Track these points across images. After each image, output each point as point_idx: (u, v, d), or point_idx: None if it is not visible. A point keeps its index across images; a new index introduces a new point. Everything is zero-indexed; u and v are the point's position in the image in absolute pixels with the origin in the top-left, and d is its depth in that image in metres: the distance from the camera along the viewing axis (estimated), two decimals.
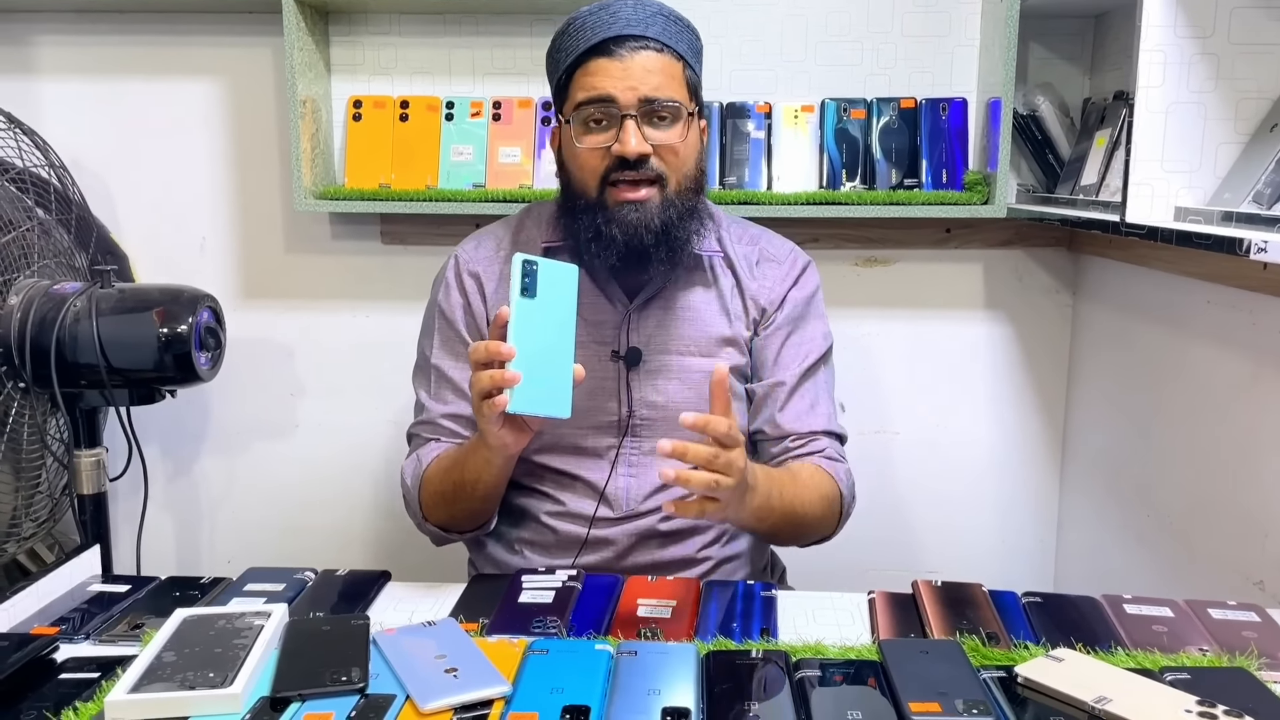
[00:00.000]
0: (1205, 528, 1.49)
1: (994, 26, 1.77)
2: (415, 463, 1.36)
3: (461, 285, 1.39)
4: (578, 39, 1.26)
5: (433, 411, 1.38)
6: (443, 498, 1.31)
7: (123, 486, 1.92)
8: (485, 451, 1.21)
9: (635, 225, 1.25)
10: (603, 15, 1.26)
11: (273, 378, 2.06)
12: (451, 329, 1.39)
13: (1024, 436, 2.01)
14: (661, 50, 1.26)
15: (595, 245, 1.27)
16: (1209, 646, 0.99)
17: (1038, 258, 1.96)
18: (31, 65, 1.97)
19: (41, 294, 1.62)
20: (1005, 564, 2.03)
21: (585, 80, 1.25)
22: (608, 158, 1.25)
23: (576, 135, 1.26)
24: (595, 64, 1.24)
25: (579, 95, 1.25)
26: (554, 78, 1.32)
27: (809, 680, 0.90)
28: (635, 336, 1.34)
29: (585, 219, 1.28)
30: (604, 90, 1.23)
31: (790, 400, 1.37)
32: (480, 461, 1.24)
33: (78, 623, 1.05)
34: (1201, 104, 1.32)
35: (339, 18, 1.92)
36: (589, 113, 1.25)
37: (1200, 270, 1.45)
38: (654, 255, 1.27)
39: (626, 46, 1.24)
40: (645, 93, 1.23)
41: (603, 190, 1.26)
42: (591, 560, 1.34)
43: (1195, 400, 1.51)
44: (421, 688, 0.87)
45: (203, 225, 2.02)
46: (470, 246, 1.42)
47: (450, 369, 1.38)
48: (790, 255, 1.44)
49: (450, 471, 1.29)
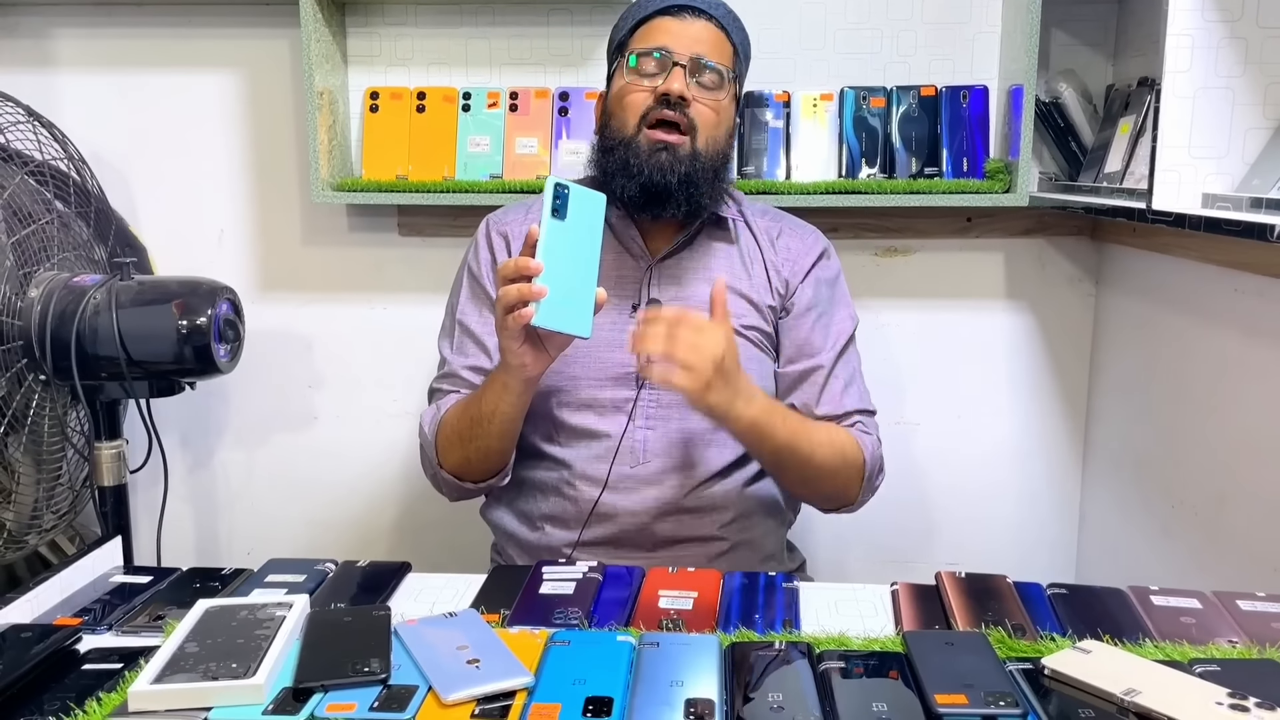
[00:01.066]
0: (1231, 519, 1.47)
1: (1015, 13, 1.75)
2: (434, 411, 1.40)
3: (490, 243, 1.45)
4: (646, 6, 1.38)
5: (454, 364, 1.42)
6: (459, 436, 1.34)
7: (143, 478, 1.93)
8: (504, 376, 1.25)
9: (662, 165, 1.33)
10: None
11: (291, 369, 2.06)
12: (477, 284, 1.44)
13: (1046, 427, 1.99)
14: (719, 28, 1.38)
15: (621, 177, 1.35)
16: (1238, 638, 0.97)
17: (1060, 247, 1.94)
18: (50, 59, 1.97)
19: (61, 287, 1.62)
20: (1027, 556, 2.02)
21: (646, 33, 1.37)
22: (650, 95, 1.33)
23: (626, 74, 1.36)
24: (658, 22, 1.37)
25: (636, 46, 1.37)
26: (614, 40, 1.43)
27: (833, 672, 0.89)
28: (655, 291, 1.39)
29: (617, 153, 1.35)
30: (661, 42, 1.34)
31: (827, 384, 1.40)
32: (498, 388, 1.26)
33: (100, 614, 1.05)
34: (1230, 89, 1.30)
35: (355, 9, 1.92)
36: (643, 58, 1.34)
37: (1227, 258, 1.44)
38: (674, 199, 1.34)
39: (689, 14, 1.36)
40: (698, 51, 1.34)
41: (638, 130, 1.34)
42: (610, 531, 1.34)
43: (1221, 390, 1.49)
44: (444, 678, 0.86)
45: (221, 217, 2.02)
46: (500, 212, 1.50)
47: (474, 323, 1.42)
48: (812, 233, 1.50)
49: (469, 407, 1.33)
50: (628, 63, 1.36)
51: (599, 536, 1.35)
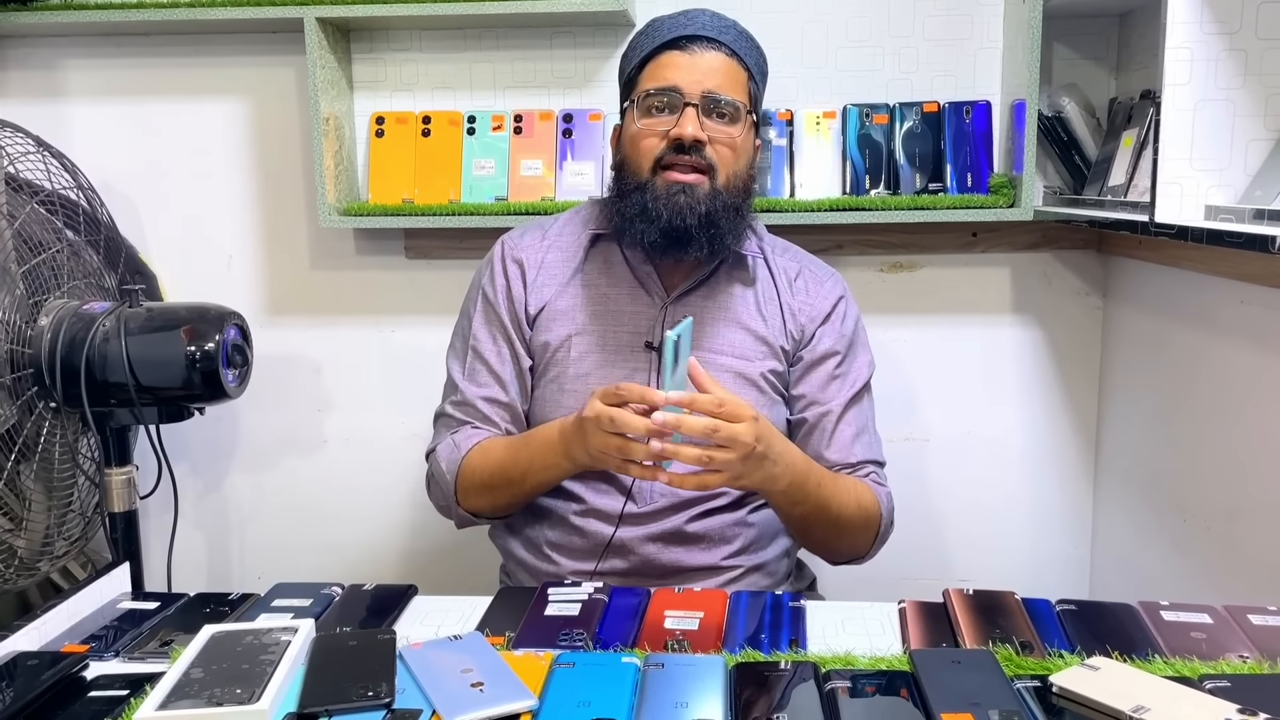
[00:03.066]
0: (1243, 533, 1.46)
1: (1017, 28, 1.75)
2: (451, 448, 1.37)
3: (505, 269, 1.43)
4: (654, 37, 1.35)
5: (467, 393, 1.41)
6: (489, 489, 1.34)
7: (153, 504, 1.94)
8: (564, 462, 1.26)
9: (680, 207, 1.30)
10: (680, 19, 1.35)
11: (299, 394, 2.07)
12: (492, 310, 1.42)
13: (1056, 442, 1.98)
14: (730, 56, 1.33)
15: (640, 222, 1.32)
16: (1249, 654, 0.96)
17: (1066, 260, 1.93)
18: (60, 89, 2.00)
19: (71, 314, 1.64)
20: (1038, 572, 2.00)
21: (655, 71, 1.33)
22: (664, 140, 1.31)
23: (638, 118, 1.33)
24: (666, 57, 1.33)
25: (647, 84, 1.33)
26: (624, 72, 1.40)
27: (839, 691, 0.89)
28: (670, 328, 1.36)
29: (634, 198, 1.33)
30: (671, 81, 1.31)
31: (837, 429, 1.39)
32: (551, 467, 1.29)
33: (108, 640, 1.05)
34: (1230, 101, 1.30)
35: (360, 35, 1.93)
36: (653, 100, 1.31)
37: (1233, 270, 1.43)
38: (695, 240, 1.31)
39: (698, 44, 1.32)
40: (709, 87, 1.30)
41: (654, 173, 1.32)
42: (619, 565, 1.34)
43: (1231, 402, 1.49)
44: (448, 702, 0.86)
45: (229, 244, 2.04)
46: (516, 234, 1.47)
47: (488, 351, 1.41)
48: (830, 276, 1.48)
49: (506, 469, 1.32)
50: (638, 104, 1.33)
51: (610, 569, 1.35)
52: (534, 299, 1.40)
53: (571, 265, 1.41)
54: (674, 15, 1.36)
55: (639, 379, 1.35)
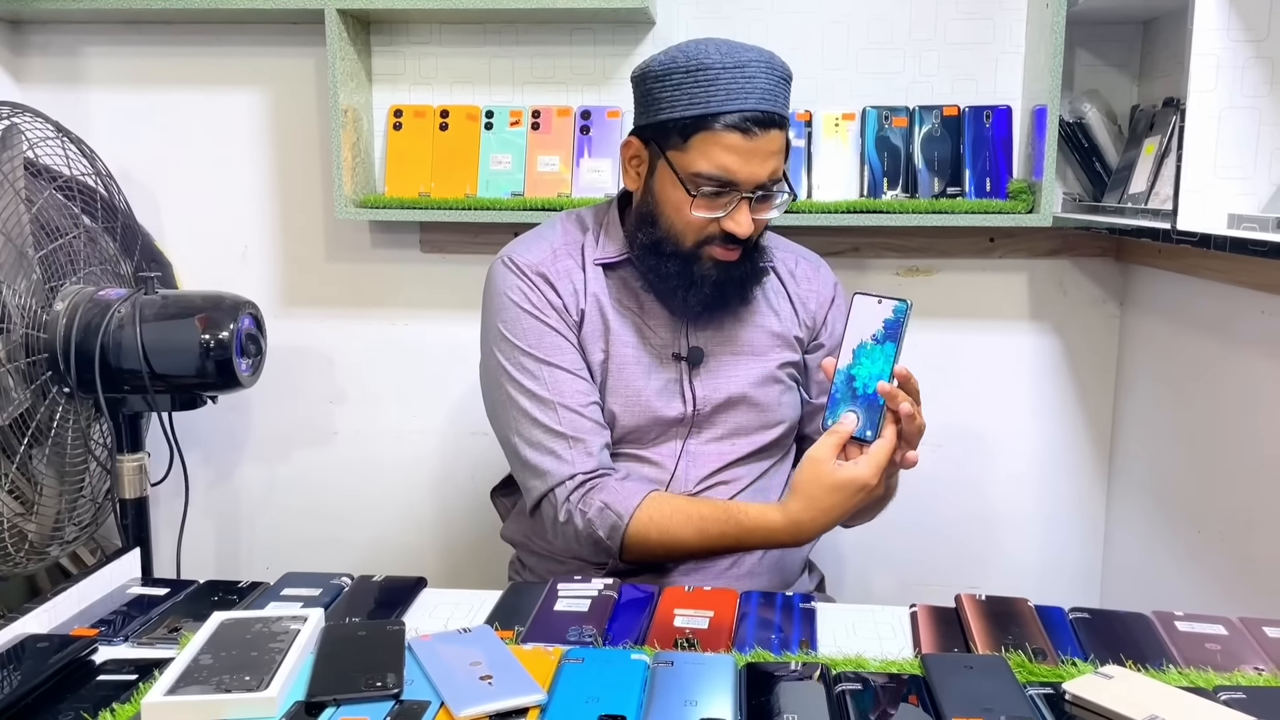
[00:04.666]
0: (1258, 545, 1.45)
1: (1039, 33, 1.74)
2: (602, 510, 1.28)
3: (534, 282, 1.35)
4: (711, 95, 1.24)
5: (571, 403, 1.31)
6: (665, 554, 1.31)
7: (164, 491, 1.94)
8: (783, 538, 1.24)
9: (725, 282, 1.32)
10: (738, 78, 1.24)
11: (313, 385, 2.07)
12: (543, 324, 1.34)
13: (1070, 450, 1.97)
14: (783, 128, 1.29)
15: (680, 289, 1.32)
16: (1265, 666, 0.95)
17: (1084, 268, 1.92)
18: (80, 76, 2.00)
19: (87, 300, 1.64)
20: (1050, 580, 1.99)
21: (714, 152, 1.25)
22: (713, 226, 1.28)
23: (691, 202, 1.27)
24: (728, 138, 1.24)
25: (703, 165, 1.25)
26: (668, 113, 1.27)
27: (849, 694, 0.88)
28: (695, 338, 1.38)
29: (674, 264, 1.31)
30: (732, 174, 1.25)
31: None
32: (761, 546, 1.29)
33: (117, 625, 1.05)
34: (1256, 109, 1.29)
35: (380, 28, 1.94)
36: (708, 187, 1.26)
37: (1254, 279, 1.42)
38: (734, 301, 1.36)
39: (759, 124, 1.24)
40: (764, 178, 1.27)
41: (698, 247, 1.30)
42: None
43: (1248, 413, 1.47)
44: (456, 694, 0.86)
45: (245, 233, 2.04)
46: (522, 249, 1.38)
47: (567, 361, 1.34)
48: (819, 261, 1.51)
49: (700, 544, 1.28)
50: (685, 179, 1.26)
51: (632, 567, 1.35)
52: (573, 308, 1.36)
53: (589, 278, 1.37)
54: (727, 66, 1.23)
55: (673, 389, 1.37)
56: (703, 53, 1.25)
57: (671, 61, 1.26)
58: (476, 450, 2.05)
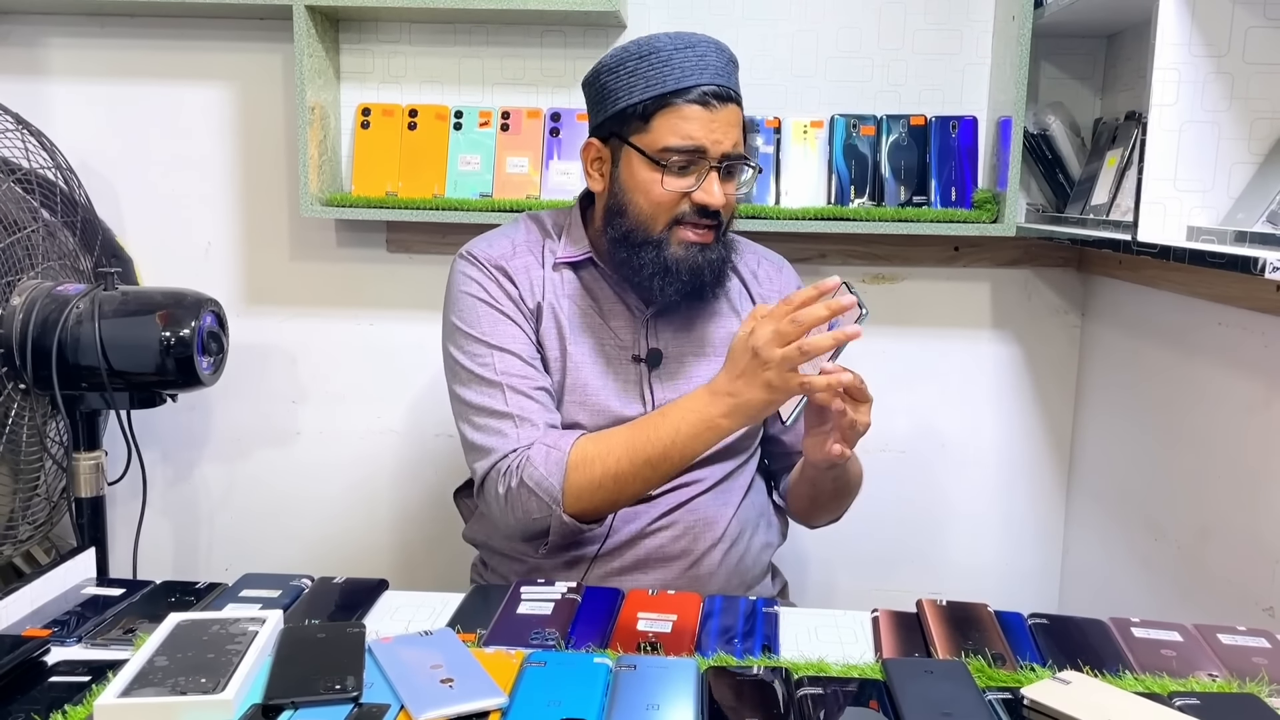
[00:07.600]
0: (1214, 553, 1.47)
1: (1006, 45, 1.76)
2: (544, 452, 1.27)
3: (493, 275, 1.36)
4: (666, 75, 1.26)
5: (518, 387, 1.31)
6: (613, 480, 1.26)
7: (121, 490, 1.91)
8: (724, 425, 1.23)
9: (700, 266, 1.32)
10: (690, 56, 1.27)
11: (275, 384, 2.05)
12: (499, 312, 1.34)
13: (1030, 458, 1.99)
14: (738, 103, 1.31)
15: (657, 279, 1.31)
16: (1219, 672, 0.97)
17: (1046, 278, 1.94)
18: (41, 67, 1.97)
19: (45, 295, 1.61)
20: (1009, 586, 2.01)
21: (678, 125, 1.27)
22: (685, 202, 1.29)
23: (662, 179, 1.28)
24: (690, 110, 1.26)
25: (669, 139, 1.27)
26: (625, 100, 1.28)
27: (810, 698, 0.88)
28: (655, 340, 1.38)
29: (646, 253, 1.31)
30: (698, 141, 1.27)
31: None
32: (703, 438, 1.25)
33: (71, 625, 1.03)
34: (1216, 123, 1.31)
35: (349, 26, 1.92)
36: (677, 159, 1.27)
37: (1211, 291, 1.44)
38: (709, 290, 1.36)
39: (717, 99, 1.27)
40: (728, 148, 1.29)
41: (668, 230, 1.30)
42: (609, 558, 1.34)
43: (1205, 423, 1.50)
44: (416, 698, 0.85)
45: (208, 230, 2.02)
46: (483, 245, 1.39)
47: (519, 346, 1.33)
48: (780, 261, 1.52)
49: (639, 450, 1.26)
50: (651, 154, 1.27)
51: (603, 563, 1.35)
52: (530, 301, 1.36)
53: (548, 276, 1.38)
54: (679, 47, 1.27)
55: (633, 391, 1.36)
56: (652, 39, 1.29)
57: (623, 52, 1.29)
58: (440, 451, 2.04)
